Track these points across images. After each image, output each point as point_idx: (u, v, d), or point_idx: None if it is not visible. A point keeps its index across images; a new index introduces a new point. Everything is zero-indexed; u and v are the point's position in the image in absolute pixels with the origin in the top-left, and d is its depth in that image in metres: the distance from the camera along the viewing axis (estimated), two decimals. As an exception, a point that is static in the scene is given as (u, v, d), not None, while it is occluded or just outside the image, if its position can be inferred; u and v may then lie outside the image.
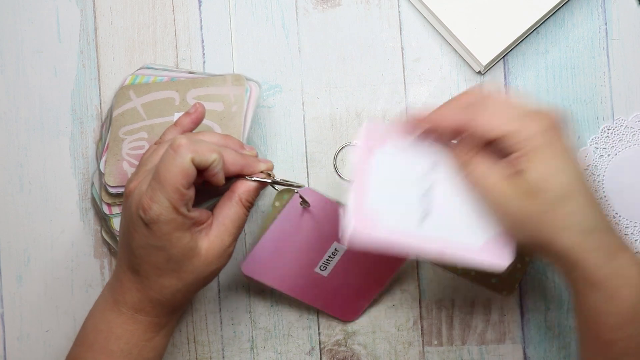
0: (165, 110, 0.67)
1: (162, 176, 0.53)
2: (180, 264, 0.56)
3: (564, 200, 0.52)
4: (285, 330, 0.70)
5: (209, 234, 0.57)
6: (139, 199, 0.55)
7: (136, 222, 0.55)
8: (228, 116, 0.66)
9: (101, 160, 0.67)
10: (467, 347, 0.70)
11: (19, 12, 0.72)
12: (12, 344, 0.71)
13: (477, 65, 0.69)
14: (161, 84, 0.68)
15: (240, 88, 0.67)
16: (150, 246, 0.55)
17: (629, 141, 0.70)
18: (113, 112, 0.68)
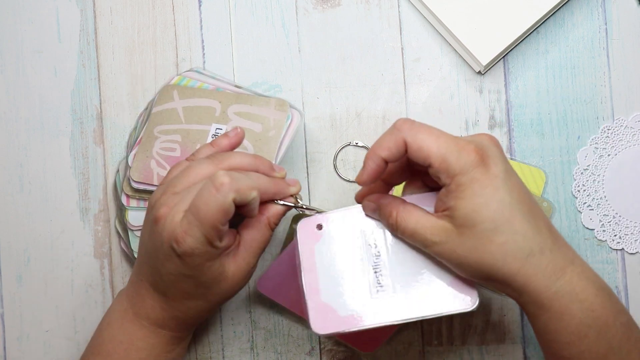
0: (204, 119, 0.66)
1: (201, 212, 0.52)
2: (208, 289, 0.57)
3: (494, 232, 0.51)
4: (285, 330, 0.70)
5: (236, 256, 0.57)
6: (172, 229, 0.54)
7: (167, 251, 0.55)
8: (264, 139, 0.66)
9: (131, 153, 0.67)
10: (467, 347, 0.70)
11: (19, 12, 0.72)
12: (12, 344, 0.71)
13: (477, 65, 0.69)
14: (206, 91, 0.67)
15: (282, 114, 0.66)
16: (180, 274, 0.56)
17: (629, 141, 0.70)
18: (153, 108, 0.67)
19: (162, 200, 0.56)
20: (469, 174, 0.51)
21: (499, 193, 0.52)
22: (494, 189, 0.51)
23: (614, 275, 0.69)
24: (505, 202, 0.52)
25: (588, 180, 0.70)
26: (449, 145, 0.52)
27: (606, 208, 0.70)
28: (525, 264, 0.52)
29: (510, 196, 0.52)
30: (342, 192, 0.70)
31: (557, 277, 0.52)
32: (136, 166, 0.66)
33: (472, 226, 0.52)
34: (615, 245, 0.69)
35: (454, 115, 0.70)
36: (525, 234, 0.52)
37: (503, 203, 0.51)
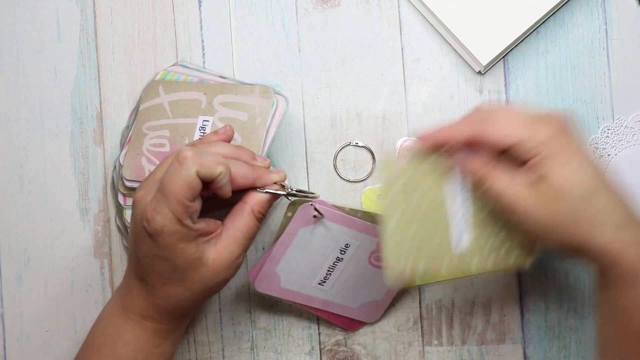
0: (190, 112, 0.67)
1: (166, 188, 0.53)
2: (185, 274, 0.56)
3: (590, 197, 0.51)
4: (285, 330, 0.70)
5: (218, 244, 0.57)
6: (144, 209, 0.54)
7: (141, 232, 0.55)
8: (250, 127, 0.65)
9: (122, 152, 0.67)
10: (467, 347, 0.70)
11: (19, 12, 0.72)
12: (12, 344, 0.71)
13: (477, 65, 0.69)
14: (190, 84, 0.67)
15: (266, 100, 0.66)
16: (155, 256, 0.55)
17: (629, 141, 0.70)
18: (140, 105, 0.68)
19: (141, 185, 0.57)
20: (553, 142, 0.52)
21: (587, 162, 0.52)
22: (582, 158, 0.52)
23: (614, 275, 0.69)
24: (594, 171, 0.52)
25: (588, 180, 0.70)
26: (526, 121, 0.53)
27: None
28: (620, 234, 0.51)
29: (594, 168, 0.52)
30: (342, 192, 0.70)
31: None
32: (127, 164, 0.66)
33: (565, 194, 0.51)
34: (615, 245, 0.69)
35: (454, 115, 0.70)
36: (618, 204, 0.52)
37: (593, 171, 0.52)
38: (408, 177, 0.57)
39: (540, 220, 0.52)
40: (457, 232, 0.58)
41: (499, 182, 0.54)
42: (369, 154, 0.70)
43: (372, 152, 0.70)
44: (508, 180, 0.53)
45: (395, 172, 0.57)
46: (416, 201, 0.57)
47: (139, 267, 0.57)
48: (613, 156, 0.70)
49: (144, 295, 0.58)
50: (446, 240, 0.58)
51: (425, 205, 0.57)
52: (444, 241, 0.58)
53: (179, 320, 0.60)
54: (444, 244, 0.58)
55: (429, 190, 0.58)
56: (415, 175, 0.57)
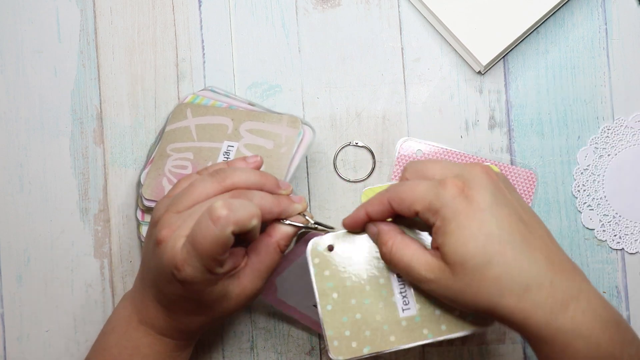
0: (216, 136, 0.66)
1: (198, 245, 0.51)
2: (211, 308, 0.57)
3: (486, 266, 0.49)
4: (285, 330, 0.70)
5: (242, 278, 0.56)
6: (173, 256, 0.53)
7: (168, 275, 0.54)
8: (275, 156, 0.65)
9: (144, 171, 0.67)
10: (467, 347, 0.70)
11: (19, 12, 0.72)
12: (12, 344, 0.71)
13: (477, 65, 0.69)
14: (219, 109, 0.67)
15: (293, 130, 0.66)
16: (181, 296, 0.56)
17: (629, 141, 0.70)
18: (166, 127, 0.67)
19: (164, 221, 0.55)
20: (450, 206, 0.50)
21: (485, 226, 0.49)
22: (480, 222, 0.49)
23: (614, 275, 0.69)
24: (493, 234, 0.49)
25: (588, 180, 0.70)
26: (427, 187, 0.51)
27: (606, 208, 0.70)
28: (522, 299, 0.49)
29: (499, 228, 0.49)
30: (342, 192, 0.70)
31: (558, 313, 0.49)
32: (148, 183, 0.66)
33: (463, 262, 0.49)
34: (615, 245, 0.69)
35: (454, 115, 0.70)
36: (520, 267, 0.49)
37: (491, 236, 0.49)
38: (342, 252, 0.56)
39: (446, 291, 0.51)
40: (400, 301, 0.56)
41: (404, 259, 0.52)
42: (369, 154, 0.70)
43: (372, 152, 0.70)
44: (414, 253, 0.52)
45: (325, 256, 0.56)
46: (353, 275, 0.56)
47: (164, 299, 0.57)
48: (613, 156, 0.70)
49: (164, 318, 0.59)
50: (391, 306, 0.56)
51: (363, 277, 0.56)
52: (389, 308, 0.56)
53: (198, 335, 0.62)
54: (388, 311, 0.56)
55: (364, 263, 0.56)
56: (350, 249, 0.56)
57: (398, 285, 0.56)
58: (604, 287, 0.69)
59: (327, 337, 0.55)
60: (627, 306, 0.69)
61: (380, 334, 0.55)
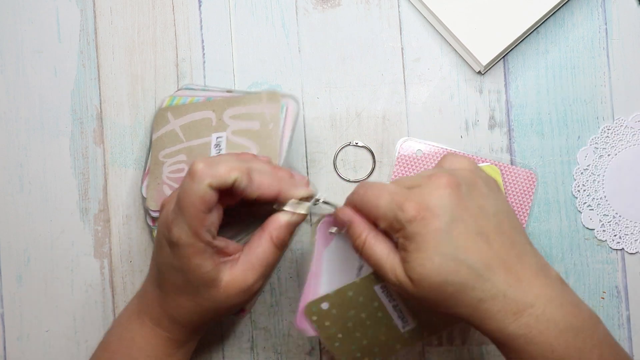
0: (203, 131, 0.66)
1: (181, 202, 0.53)
2: (198, 290, 0.56)
3: (440, 286, 0.51)
4: (285, 330, 0.70)
5: (233, 268, 0.56)
6: (165, 218, 0.55)
7: (162, 240, 0.56)
8: (265, 134, 0.64)
9: (143, 185, 0.67)
10: (467, 347, 0.70)
11: (19, 12, 0.72)
12: (12, 344, 0.71)
13: (477, 65, 0.69)
14: (198, 104, 0.67)
15: (275, 105, 0.65)
16: (170, 265, 0.56)
17: (629, 141, 0.70)
18: (152, 135, 0.67)
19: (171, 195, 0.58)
20: (408, 229, 0.51)
21: (441, 247, 0.51)
22: (435, 244, 0.51)
23: (614, 275, 0.69)
24: (448, 256, 0.51)
25: (588, 180, 0.70)
26: (388, 205, 0.53)
27: (606, 208, 0.70)
28: (476, 310, 0.52)
29: (454, 248, 0.51)
30: (342, 192, 0.70)
31: (512, 320, 0.51)
32: (151, 195, 0.66)
33: (419, 280, 0.52)
34: (615, 245, 0.69)
35: (454, 115, 0.70)
36: (474, 284, 0.51)
37: (446, 256, 0.51)
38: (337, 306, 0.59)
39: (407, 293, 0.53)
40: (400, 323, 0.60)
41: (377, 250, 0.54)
42: (369, 154, 0.70)
43: (372, 152, 0.70)
44: (387, 251, 0.54)
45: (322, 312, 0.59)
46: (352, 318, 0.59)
47: (158, 273, 0.58)
48: (613, 156, 0.70)
49: (158, 302, 0.59)
50: (393, 328, 0.60)
51: (362, 316, 0.59)
52: (391, 329, 0.60)
53: (190, 333, 0.61)
54: (391, 331, 0.60)
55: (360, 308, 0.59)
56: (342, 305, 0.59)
57: (395, 312, 0.60)
58: (604, 287, 0.69)
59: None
60: (627, 306, 0.69)
61: (387, 347, 0.60)
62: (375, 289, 0.59)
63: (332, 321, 0.59)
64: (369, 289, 0.59)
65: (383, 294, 0.59)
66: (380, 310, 0.59)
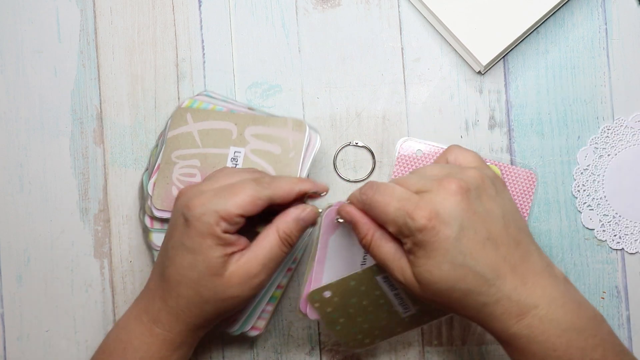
0: (221, 142, 0.66)
1: (234, 190, 0.56)
2: (201, 276, 0.56)
3: (447, 291, 0.53)
4: (285, 330, 0.70)
5: (240, 259, 0.57)
6: (190, 198, 0.56)
7: (178, 219, 0.57)
8: (284, 161, 0.65)
9: (150, 180, 0.67)
10: (467, 347, 0.70)
11: (19, 12, 0.72)
12: (12, 344, 0.71)
13: (477, 65, 0.69)
14: (220, 113, 0.66)
15: (300, 134, 0.65)
16: (182, 245, 0.56)
17: (629, 141, 0.70)
18: (168, 132, 0.67)
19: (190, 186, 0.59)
20: (418, 237, 0.52)
21: (449, 254, 0.52)
22: (444, 251, 0.52)
23: (614, 275, 0.69)
24: (456, 263, 0.52)
25: (588, 180, 0.70)
26: (398, 211, 0.53)
27: (606, 208, 0.70)
28: (480, 312, 0.53)
29: (462, 255, 0.52)
30: (342, 192, 0.70)
31: (515, 321, 0.53)
32: (157, 193, 0.66)
33: (426, 285, 0.53)
34: (615, 245, 0.69)
35: (454, 115, 0.70)
36: (480, 289, 0.53)
37: (454, 264, 0.52)
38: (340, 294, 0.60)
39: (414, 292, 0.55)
40: (401, 309, 0.62)
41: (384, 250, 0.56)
42: (369, 154, 0.70)
43: (372, 152, 0.70)
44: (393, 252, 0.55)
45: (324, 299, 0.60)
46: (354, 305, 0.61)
47: (165, 259, 0.58)
48: (613, 156, 0.70)
49: (159, 295, 0.59)
50: (394, 313, 0.62)
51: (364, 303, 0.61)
52: (392, 315, 0.62)
53: (187, 332, 0.60)
54: (392, 316, 0.62)
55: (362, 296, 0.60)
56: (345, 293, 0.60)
57: (396, 299, 0.61)
58: (604, 287, 0.69)
59: (342, 342, 0.63)
60: (627, 306, 0.69)
61: (388, 330, 0.63)
62: (377, 279, 0.60)
63: (334, 308, 0.61)
64: (371, 279, 0.60)
65: (385, 284, 0.60)
66: (382, 298, 0.61)
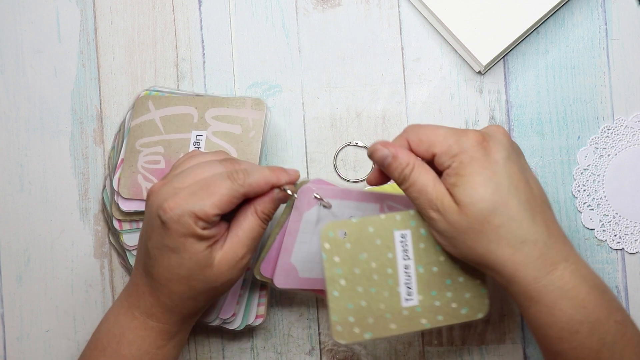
0: (183, 127, 0.66)
1: (210, 189, 0.55)
2: (191, 272, 0.56)
3: (490, 213, 0.52)
4: (285, 330, 0.70)
5: (224, 245, 0.57)
6: (164, 199, 0.55)
7: (154, 220, 0.56)
8: (245, 140, 0.65)
9: (115, 176, 0.67)
10: (467, 347, 0.70)
11: (19, 12, 0.72)
12: (12, 344, 0.71)
13: (477, 65, 0.69)
14: (181, 98, 0.67)
15: (259, 113, 0.66)
16: (164, 246, 0.56)
17: (629, 141, 0.70)
18: (131, 122, 0.67)
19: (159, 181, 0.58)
20: (469, 152, 0.53)
21: (497, 176, 0.53)
22: (492, 172, 0.53)
23: (614, 275, 0.69)
24: (503, 185, 0.52)
25: (588, 180, 0.70)
26: (449, 132, 0.54)
27: (606, 208, 0.70)
28: (516, 252, 0.52)
29: (508, 182, 0.53)
30: (342, 192, 0.70)
31: (548, 270, 0.52)
32: (124, 182, 0.66)
33: (469, 204, 0.52)
34: (615, 245, 0.69)
35: (454, 115, 0.70)
36: (521, 221, 0.52)
37: (501, 186, 0.52)
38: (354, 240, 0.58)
39: (449, 226, 0.54)
40: (404, 290, 0.58)
41: (423, 178, 0.55)
42: (369, 154, 0.70)
43: (372, 152, 0.70)
44: (432, 179, 0.54)
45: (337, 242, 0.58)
46: (362, 263, 0.58)
47: (148, 259, 0.57)
48: (613, 156, 0.70)
49: (149, 292, 0.58)
50: (395, 296, 0.58)
51: (372, 266, 0.58)
52: (393, 297, 0.58)
53: (182, 321, 0.60)
54: (392, 300, 0.58)
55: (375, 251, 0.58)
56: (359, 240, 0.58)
57: (404, 275, 0.58)
58: (604, 287, 0.69)
59: (332, 322, 0.57)
60: (627, 306, 0.69)
61: (382, 321, 0.58)
62: (395, 234, 0.58)
63: (342, 258, 0.58)
64: (389, 233, 0.58)
65: (400, 245, 0.58)
66: (390, 267, 0.58)
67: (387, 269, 0.58)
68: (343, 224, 0.57)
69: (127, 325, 0.59)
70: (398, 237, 0.58)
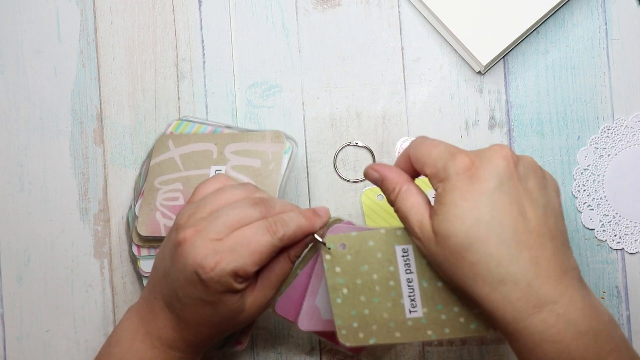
0: (202, 163, 0.66)
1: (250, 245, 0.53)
2: (224, 319, 0.57)
3: (466, 249, 0.49)
4: (285, 330, 0.70)
5: (254, 290, 0.57)
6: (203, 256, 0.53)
7: (190, 275, 0.54)
8: (265, 174, 0.65)
9: (137, 204, 0.67)
10: (467, 347, 0.70)
11: (19, 12, 0.72)
12: (12, 344, 0.71)
13: (477, 65, 0.69)
14: (200, 135, 0.67)
15: (278, 145, 0.66)
16: (199, 299, 0.55)
17: (629, 141, 0.70)
18: (151, 161, 0.67)
19: (189, 223, 0.55)
20: (452, 180, 0.50)
21: (478, 210, 0.49)
22: (473, 204, 0.49)
23: (614, 275, 0.69)
24: (482, 220, 0.49)
25: (588, 180, 0.70)
26: (442, 153, 0.51)
27: (606, 208, 0.70)
28: (494, 291, 0.49)
29: (490, 216, 0.49)
30: (342, 192, 0.70)
31: (530, 313, 0.49)
32: (142, 220, 0.66)
33: (445, 237, 0.50)
34: (615, 245, 0.69)
35: (454, 115, 0.70)
36: (500, 260, 0.49)
37: (479, 221, 0.49)
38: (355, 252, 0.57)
39: (429, 253, 0.52)
40: (408, 304, 0.57)
41: (407, 204, 0.53)
42: (369, 154, 0.70)
43: (372, 152, 0.70)
44: (417, 205, 0.52)
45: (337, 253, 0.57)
46: (364, 275, 0.57)
47: (177, 304, 0.56)
48: (613, 156, 0.70)
49: (172, 327, 0.58)
50: (399, 307, 0.57)
51: (374, 278, 0.57)
52: (396, 308, 0.57)
53: (202, 350, 0.61)
54: (396, 310, 0.57)
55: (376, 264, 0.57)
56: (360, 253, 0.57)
57: (407, 288, 0.57)
58: (604, 287, 0.69)
59: (336, 326, 0.58)
60: (627, 306, 0.69)
61: (386, 329, 0.57)
62: (396, 249, 0.56)
63: (343, 268, 0.57)
64: (390, 247, 0.56)
65: (402, 259, 0.57)
66: (392, 279, 0.57)
67: (390, 282, 0.57)
68: (342, 237, 0.57)
69: (145, 353, 0.58)
70: (400, 252, 0.57)
